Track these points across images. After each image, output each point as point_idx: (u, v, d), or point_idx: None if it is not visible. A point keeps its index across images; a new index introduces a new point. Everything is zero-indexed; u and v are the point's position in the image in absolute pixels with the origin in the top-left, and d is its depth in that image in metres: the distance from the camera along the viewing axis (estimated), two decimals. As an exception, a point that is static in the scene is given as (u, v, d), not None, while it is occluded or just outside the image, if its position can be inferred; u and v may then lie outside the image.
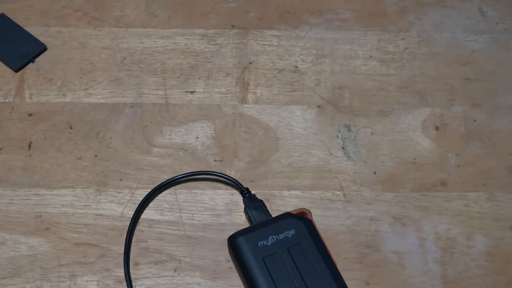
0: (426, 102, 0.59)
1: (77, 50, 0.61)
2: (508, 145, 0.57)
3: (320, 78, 0.60)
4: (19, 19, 0.63)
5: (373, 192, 0.54)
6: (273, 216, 0.50)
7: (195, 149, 0.56)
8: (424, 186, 0.54)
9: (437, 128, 0.58)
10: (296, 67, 0.61)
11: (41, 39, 0.61)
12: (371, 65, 0.61)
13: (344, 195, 0.54)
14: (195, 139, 0.56)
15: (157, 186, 0.53)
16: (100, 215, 0.52)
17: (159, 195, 0.53)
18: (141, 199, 0.52)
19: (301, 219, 0.48)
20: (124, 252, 0.49)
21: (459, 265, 0.50)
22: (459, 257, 0.51)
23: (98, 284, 0.49)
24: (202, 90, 0.59)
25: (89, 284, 0.49)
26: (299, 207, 0.51)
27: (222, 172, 0.53)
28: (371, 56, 0.62)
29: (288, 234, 0.47)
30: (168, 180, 0.53)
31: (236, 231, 0.48)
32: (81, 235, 0.51)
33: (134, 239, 0.51)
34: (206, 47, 0.62)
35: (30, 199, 0.52)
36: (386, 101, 0.59)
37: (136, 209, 0.51)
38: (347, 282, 0.46)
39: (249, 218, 0.51)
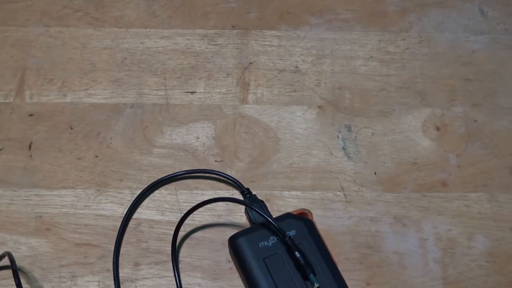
0: (426, 103, 0.59)
1: (77, 50, 0.61)
2: (509, 145, 0.57)
3: (320, 79, 0.60)
4: (19, 19, 0.63)
5: (373, 192, 0.54)
6: (273, 216, 0.50)
7: (196, 150, 0.56)
8: (424, 187, 0.54)
9: (437, 129, 0.58)
10: (297, 67, 0.61)
11: (42, 39, 0.61)
12: (372, 66, 0.61)
13: (344, 195, 0.54)
14: (195, 139, 0.56)
15: (155, 182, 0.53)
16: (101, 215, 0.52)
17: (159, 196, 0.53)
18: (141, 199, 0.52)
19: (302, 219, 0.48)
20: (114, 248, 0.50)
21: (459, 266, 0.50)
22: (459, 257, 0.51)
23: (99, 285, 0.49)
24: (203, 91, 0.59)
25: (89, 285, 0.49)
26: (299, 208, 0.51)
27: (223, 172, 0.53)
28: (371, 57, 0.62)
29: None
30: (168, 175, 0.53)
31: (236, 231, 0.48)
32: (81, 236, 0.51)
33: (134, 239, 0.51)
34: (206, 48, 0.62)
35: (31, 200, 0.52)
36: (386, 101, 0.59)
37: (133, 202, 0.52)
38: (347, 283, 0.46)
39: (249, 219, 0.51)
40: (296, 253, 0.46)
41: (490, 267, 0.50)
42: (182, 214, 0.49)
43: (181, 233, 0.51)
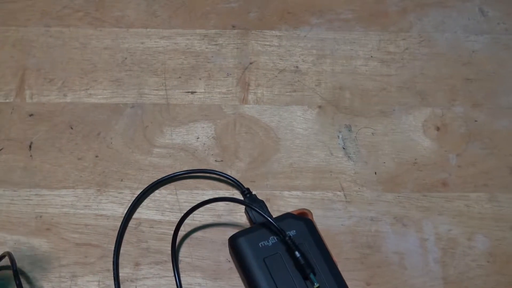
0: (426, 103, 0.59)
1: (77, 50, 0.61)
2: (509, 145, 0.57)
3: (320, 79, 0.60)
4: (20, 19, 0.63)
5: (374, 192, 0.54)
6: (274, 216, 0.49)
7: (196, 150, 0.56)
8: (425, 187, 0.54)
9: (438, 129, 0.58)
10: (297, 67, 0.61)
11: (42, 39, 0.61)
12: (372, 66, 0.61)
13: (345, 195, 0.54)
14: (195, 139, 0.56)
15: (155, 182, 0.53)
16: (101, 215, 0.52)
17: (159, 196, 0.53)
18: (141, 199, 0.52)
19: (302, 219, 0.48)
20: (115, 248, 0.50)
21: (460, 266, 0.50)
22: (460, 257, 0.51)
23: (99, 285, 0.49)
24: (203, 91, 0.59)
25: (90, 285, 0.49)
26: (300, 208, 0.51)
27: (223, 172, 0.53)
28: (371, 57, 0.62)
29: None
30: (168, 175, 0.53)
31: (236, 231, 0.48)
32: (81, 236, 0.51)
33: (134, 239, 0.51)
34: (206, 47, 0.62)
35: (31, 200, 0.52)
36: (386, 101, 0.59)
37: (133, 202, 0.52)
38: (348, 283, 0.46)
39: (249, 219, 0.51)
40: (296, 253, 0.46)
41: (490, 267, 0.50)
42: (182, 214, 0.49)
43: (181, 233, 0.51)
